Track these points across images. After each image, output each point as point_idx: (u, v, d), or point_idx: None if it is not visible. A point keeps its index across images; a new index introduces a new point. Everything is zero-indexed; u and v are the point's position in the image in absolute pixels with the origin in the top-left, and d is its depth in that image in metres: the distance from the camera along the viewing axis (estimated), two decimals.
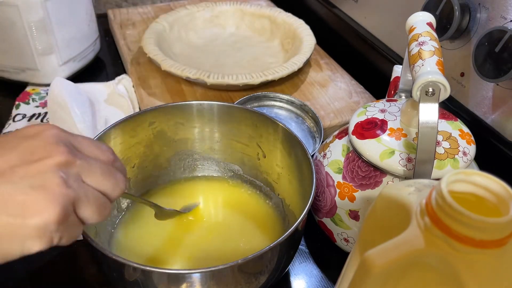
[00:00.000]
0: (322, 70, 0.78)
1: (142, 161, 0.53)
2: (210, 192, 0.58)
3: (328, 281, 0.50)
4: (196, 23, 0.86)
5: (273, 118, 0.52)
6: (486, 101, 0.55)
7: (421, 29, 0.44)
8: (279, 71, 0.69)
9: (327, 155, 0.51)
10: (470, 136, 0.46)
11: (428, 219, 0.26)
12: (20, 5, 0.67)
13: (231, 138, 0.56)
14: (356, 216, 0.47)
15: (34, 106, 0.72)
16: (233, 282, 0.40)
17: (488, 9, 0.52)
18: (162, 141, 0.55)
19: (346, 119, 0.67)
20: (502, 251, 0.24)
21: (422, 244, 0.25)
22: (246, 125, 0.54)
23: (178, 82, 0.73)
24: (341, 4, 0.83)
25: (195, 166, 0.59)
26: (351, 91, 0.73)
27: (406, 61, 0.48)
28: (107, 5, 1.06)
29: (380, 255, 0.25)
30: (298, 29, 0.80)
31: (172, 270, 0.41)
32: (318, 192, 0.50)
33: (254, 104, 0.67)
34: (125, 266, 0.38)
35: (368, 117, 0.48)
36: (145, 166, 0.54)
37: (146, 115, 0.52)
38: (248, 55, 0.81)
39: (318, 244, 0.54)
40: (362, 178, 0.46)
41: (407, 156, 0.43)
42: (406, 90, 0.53)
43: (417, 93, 0.39)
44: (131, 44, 0.82)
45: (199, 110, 0.54)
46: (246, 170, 0.58)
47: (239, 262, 0.37)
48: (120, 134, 0.50)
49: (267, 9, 0.86)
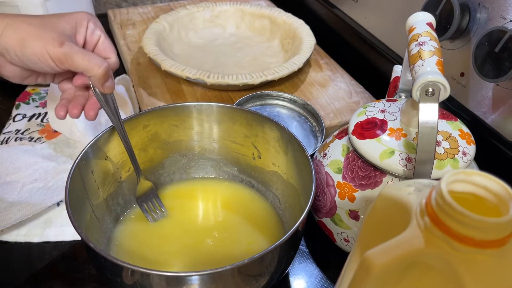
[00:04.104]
0: (322, 70, 0.78)
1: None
2: (207, 193, 0.58)
3: (328, 281, 0.50)
4: (196, 23, 0.86)
5: (268, 116, 0.52)
6: (486, 101, 0.55)
7: (421, 29, 0.44)
8: (279, 71, 0.69)
9: (327, 155, 0.51)
10: (470, 136, 0.46)
11: (428, 219, 0.25)
12: (20, 5, 0.67)
13: (226, 139, 0.56)
14: (356, 216, 0.47)
15: (34, 106, 0.72)
16: (233, 285, 0.40)
17: (488, 9, 0.52)
18: (157, 143, 0.55)
19: (346, 119, 0.67)
20: (502, 251, 0.24)
21: (422, 244, 0.25)
22: (241, 124, 0.54)
23: (178, 82, 0.73)
24: (341, 4, 0.83)
25: (191, 168, 0.59)
26: (351, 91, 0.73)
27: (406, 61, 0.48)
28: (107, 5, 1.06)
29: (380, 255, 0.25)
30: (298, 29, 0.80)
31: (171, 272, 0.40)
32: (318, 192, 0.50)
33: (256, 103, 0.67)
34: (124, 269, 0.38)
35: (368, 117, 0.48)
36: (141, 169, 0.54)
37: (140, 118, 0.52)
38: (248, 55, 0.81)
39: (318, 244, 0.54)
40: (362, 178, 0.46)
41: (407, 156, 0.43)
42: (406, 90, 0.53)
43: (417, 93, 0.39)
44: (131, 44, 0.82)
45: (193, 111, 0.54)
46: (242, 170, 0.57)
47: (239, 265, 0.37)
48: (115, 138, 0.50)
49: (267, 9, 0.86)
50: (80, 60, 0.44)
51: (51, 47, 0.43)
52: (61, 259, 0.52)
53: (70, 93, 0.50)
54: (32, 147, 0.63)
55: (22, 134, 0.66)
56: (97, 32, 0.48)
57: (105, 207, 0.50)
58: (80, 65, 0.44)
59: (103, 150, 0.49)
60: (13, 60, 0.44)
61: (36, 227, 0.54)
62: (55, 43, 0.43)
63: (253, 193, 0.57)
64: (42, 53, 0.43)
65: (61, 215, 0.55)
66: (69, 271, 0.51)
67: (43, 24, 0.44)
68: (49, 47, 0.43)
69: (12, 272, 0.50)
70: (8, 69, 0.46)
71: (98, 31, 0.48)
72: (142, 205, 0.52)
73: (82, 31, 0.48)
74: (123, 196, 0.53)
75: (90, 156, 0.48)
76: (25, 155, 0.61)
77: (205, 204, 0.56)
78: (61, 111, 0.49)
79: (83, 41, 0.48)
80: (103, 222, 0.50)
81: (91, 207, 0.47)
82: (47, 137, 0.66)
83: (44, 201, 0.54)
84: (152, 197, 0.53)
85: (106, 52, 0.49)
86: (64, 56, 0.43)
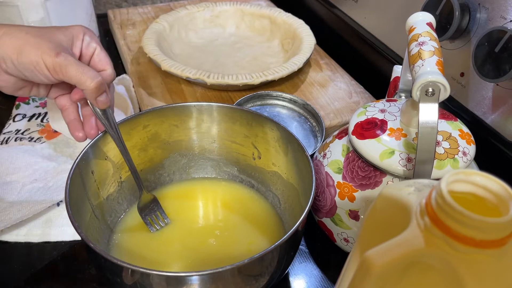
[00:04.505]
0: (322, 70, 0.78)
1: (137, 164, 0.53)
2: (207, 194, 0.58)
3: (328, 281, 0.50)
4: (196, 23, 0.86)
5: (268, 116, 0.52)
6: (486, 101, 0.55)
7: (421, 29, 0.44)
8: (279, 71, 0.69)
9: (327, 155, 0.51)
10: (470, 136, 0.46)
11: (428, 219, 0.25)
12: (20, 5, 0.67)
13: (226, 139, 0.56)
14: (356, 216, 0.47)
15: (34, 106, 0.72)
16: (233, 285, 0.40)
17: (488, 9, 0.52)
18: (157, 143, 0.55)
19: (346, 119, 0.67)
20: (502, 251, 0.24)
21: (422, 244, 0.25)
22: (241, 124, 0.54)
23: (178, 82, 0.73)
24: (341, 4, 0.83)
25: (191, 168, 0.59)
26: (351, 91, 0.73)
27: (406, 61, 0.48)
28: (107, 5, 1.06)
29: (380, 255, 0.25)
30: (298, 29, 0.80)
31: (171, 272, 0.40)
32: (318, 192, 0.50)
33: (256, 103, 0.67)
34: (124, 269, 0.38)
35: (368, 117, 0.48)
36: (140, 170, 0.54)
37: (140, 118, 0.52)
38: (248, 55, 0.81)
39: (318, 244, 0.54)
40: (362, 178, 0.46)
41: (407, 156, 0.43)
42: (406, 90, 0.53)
43: (417, 93, 0.39)
44: (131, 44, 0.82)
45: (192, 111, 0.54)
46: (242, 170, 0.57)
47: (239, 265, 0.37)
48: None
49: (267, 9, 0.86)
50: (74, 71, 0.44)
51: (47, 56, 0.43)
52: (61, 259, 0.52)
53: (73, 112, 0.50)
54: (32, 147, 0.63)
55: (22, 134, 0.66)
56: (93, 45, 0.49)
57: (105, 207, 0.50)
58: (73, 76, 0.44)
59: (103, 150, 0.49)
60: (9, 68, 0.45)
61: (36, 227, 0.54)
62: (52, 52, 0.43)
63: (253, 193, 0.57)
64: (38, 61, 0.43)
65: (61, 215, 0.55)
66: (69, 271, 0.51)
67: (40, 34, 0.45)
68: (45, 56, 0.43)
69: (12, 272, 0.50)
70: (3, 78, 0.46)
71: (93, 44, 0.49)
72: (146, 218, 0.52)
73: (78, 44, 0.48)
74: (123, 196, 0.53)
75: (90, 156, 0.48)
76: (25, 155, 0.61)
77: (205, 204, 0.56)
78: (79, 132, 0.49)
79: (79, 53, 0.48)
80: (103, 222, 0.50)
81: (91, 207, 0.47)
82: (47, 137, 0.66)
83: (44, 201, 0.54)
84: (155, 209, 0.52)
85: (102, 64, 0.49)
86: (59, 66, 0.44)
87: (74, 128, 0.49)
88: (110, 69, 0.49)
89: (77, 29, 0.48)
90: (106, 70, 0.49)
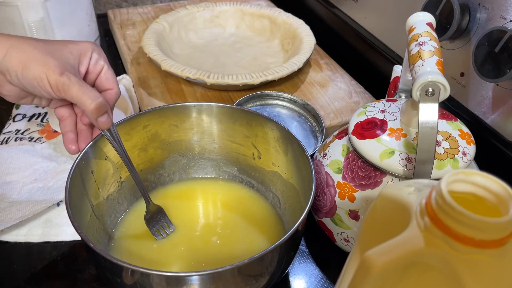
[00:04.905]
0: (322, 70, 0.78)
1: (137, 164, 0.53)
2: (207, 194, 0.58)
3: (328, 281, 0.50)
4: (196, 23, 0.86)
5: (268, 116, 0.52)
6: (486, 101, 0.55)
7: (421, 29, 0.44)
8: (279, 71, 0.69)
9: (327, 155, 0.51)
10: (470, 136, 0.46)
11: (428, 219, 0.25)
12: (20, 5, 0.67)
13: (226, 139, 0.56)
14: (356, 216, 0.47)
15: (34, 106, 0.72)
16: (233, 285, 0.40)
17: (488, 9, 0.52)
18: (157, 143, 0.55)
19: (346, 119, 0.67)
20: (502, 251, 0.24)
21: (422, 244, 0.25)
22: (241, 124, 0.54)
23: (178, 82, 0.73)
24: (341, 4, 0.83)
25: (191, 168, 0.59)
26: (351, 91, 0.73)
27: (406, 61, 0.48)
28: (107, 5, 1.06)
29: (380, 255, 0.25)
30: (298, 29, 0.80)
31: (171, 272, 0.40)
32: (318, 192, 0.50)
33: (256, 103, 0.67)
34: (124, 269, 0.38)
35: (368, 117, 0.48)
36: (140, 170, 0.54)
37: (140, 118, 0.52)
38: (248, 55, 0.81)
39: (318, 244, 0.54)
40: (362, 178, 0.46)
41: (407, 156, 0.43)
42: (406, 90, 0.53)
43: (417, 93, 0.39)
44: (131, 44, 0.82)
45: (192, 111, 0.54)
46: (242, 170, 0.57)
47: (239, 265, 0.37)
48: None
49: (267, 9, 0.86)
50: (75, 91, 0.44)
51: (52, 74, 0.44)
52: (61, 259, 0.52)
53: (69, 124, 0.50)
54: (32, 147, 0.63)
55: (22, 134, 0.66)
56: (101, 63, 0.49)
57: (105, 207, 0.50)
58: (75, 96, 0.44)
59: (103, 150, 0.49)
60: (13, 80, 0.45)
61: (36, 227, 0.54)
62: (57, 70, 0.44)
63: (253, 193, 0.57)
64: (42, 78, 0.44)
65: (61, 215, 0.55)
66: (69, 271, 0.51)
67: (48, 50, 0.45)
68: (49, 73, 0.44)
69: (12, 272, 0.50)
70: (7, 88, 0.46)
71: (101, 61, 0.49)
72: (153, 229, 0.51)
73: (85, 61, 0.48)
74: (123, 196, 0.53)
75: (90, 156, 0.48)
76: (25, 155, 0.61)
77: (205, 204, 0.56)
78: (72, 145, 0.49)
79: (85, 71, 0.48)
80: (103, 222, 0.50)
81: (91, 207, 0.47)
82: (47, 137, 0.66)
83: (44, 201, 0.54)
84: (161, 219, 0.52)
85: (109, 83, 0.49)
86: (61, 85, 0.44)
87: (68, 140, 0.49)
88: (116, 88, 0.49)
89: (86, 46, 0.48)
90: (113, 89, 0.49)
